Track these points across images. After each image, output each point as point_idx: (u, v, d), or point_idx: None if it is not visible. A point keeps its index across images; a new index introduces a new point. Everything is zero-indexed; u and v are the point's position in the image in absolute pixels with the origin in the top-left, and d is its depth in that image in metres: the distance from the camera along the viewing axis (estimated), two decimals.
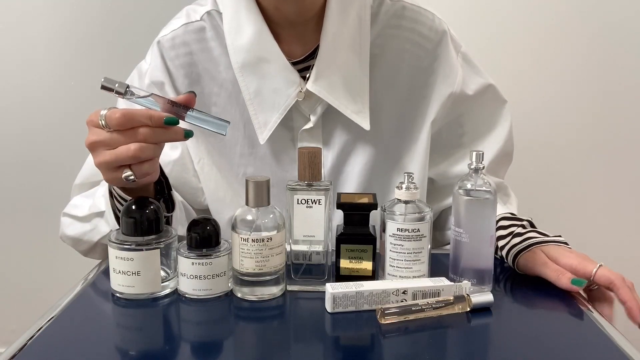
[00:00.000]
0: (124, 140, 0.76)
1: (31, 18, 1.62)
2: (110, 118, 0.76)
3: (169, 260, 0.82)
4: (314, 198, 0.81)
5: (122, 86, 0.78)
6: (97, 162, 0.79)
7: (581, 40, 1.60)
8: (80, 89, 1.64)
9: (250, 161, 1.03)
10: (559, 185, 1.66)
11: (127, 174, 0.78)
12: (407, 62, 1.02)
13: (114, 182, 0.82)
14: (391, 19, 1.01)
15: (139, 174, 0.79)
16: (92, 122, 0.78)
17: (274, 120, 0.98)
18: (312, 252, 0.83)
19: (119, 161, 0.77)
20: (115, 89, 0.78)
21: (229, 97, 1.01)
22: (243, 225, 0.79)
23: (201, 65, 1.01)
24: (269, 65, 0.96)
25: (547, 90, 1.63)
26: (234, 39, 0.97)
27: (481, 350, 0.72)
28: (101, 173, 0.81)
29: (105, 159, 0.78)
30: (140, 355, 0.70)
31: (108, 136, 0.77)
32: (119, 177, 0.79)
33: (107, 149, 0.78)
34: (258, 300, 0.80)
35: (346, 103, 0.98)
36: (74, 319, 0.78)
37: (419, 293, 0.78)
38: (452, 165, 1.08)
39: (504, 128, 1.08)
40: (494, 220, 0.82)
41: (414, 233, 0.80)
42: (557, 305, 0.82)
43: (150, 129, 0.77)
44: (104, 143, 0.77)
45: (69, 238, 1.00)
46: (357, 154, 1.03)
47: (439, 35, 1.02)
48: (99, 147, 0.78)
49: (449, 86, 1.02)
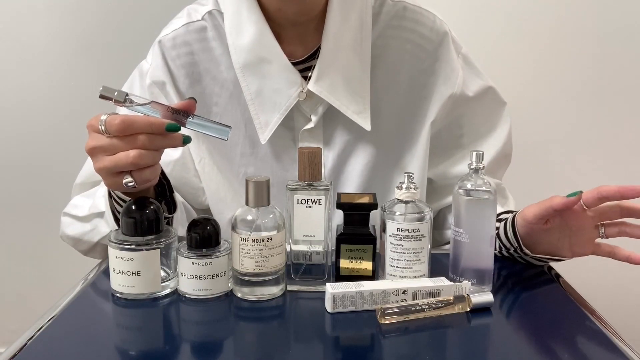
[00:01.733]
0: (123, 146, 0.76)
1: (31, 18, 1.62)
2: (110, 124, 0.76)
3: (169, 260, 0.82)
4: (314, 198, 0.81)
5: (121, 95, 0.78)
6: (96, 167, 0.79)
7: (581, 41, 1.60)
8: (81, 89, 1.64)
9: (251, 161, 1.03)
10: (559, 185, 1.65)
11: (127, 180, 0.78)
12: (407, 62, 1.02)
13: (114, 187, 0.81)
14: (392, 20, 1.01)
15: (139, 180, 0.78)
16: (92, 126, 0.78)
17: (275, 121, 0.98)
18: (312, 252, 0.83)
19: (118, 167, 0.77)
20: (114, 97, 0.78)
21: (230, 97, 1.01)
22: (243, 225, 0.79)
23: (202, 65, 1.01)
24: (270, 66, 0.96)
25: (546, 91, 1.63)
26: (235, 39, 0.97)
27: (481, 350, 0.72)
28: (102, 178, 0.81)
29: (104, 165, 0.78)
30: (140, 355, 0.70)
31: (107, 142, 0.77)
32: (119, 183, 0.78)
33: (106, 155, 0.77)
34: (258, 300, 0.80)
35: (347, 103, 0.98)
36: (74, 319, 0.78)
37: (419, 293, 0.78)
38: (451, 166, 1.08)
39: (503, 130, 1.08)
40: (494, 220, 0.82)
41: (414, 233, 0.80)
42: (557, 306, 0.82)
43: (149, 136, 0.76)
44: (103, 149, 0.77)
45: (69, 238, 1.00)
46: (357, 154, 1.03)
47: (440, 37, 1.02)
48: (98, 153, 0.78)
49: (449, 87, 1.03)
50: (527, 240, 0.89)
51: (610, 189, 0.81)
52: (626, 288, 1.67)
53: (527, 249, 0.89)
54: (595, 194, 0.81)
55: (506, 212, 0.97)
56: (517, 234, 0.89)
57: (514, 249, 0.90)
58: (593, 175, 1.66)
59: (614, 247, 0.86)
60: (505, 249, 0.92)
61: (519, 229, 0.88)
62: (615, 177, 1.66)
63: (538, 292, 0.86)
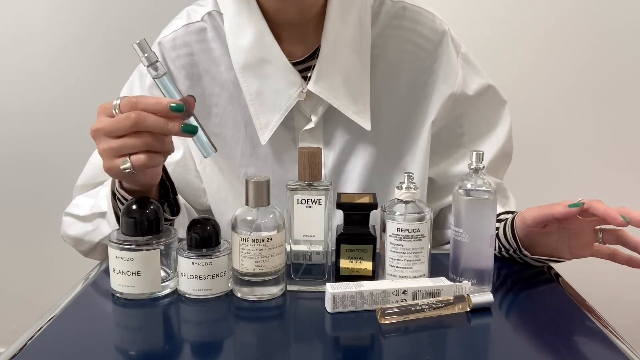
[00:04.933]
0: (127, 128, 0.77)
1: (30, 18, 1.62)
2: (121, 102, 0.77)
3: (169, 260, 0.82)
4: (314, 198, 0.81)
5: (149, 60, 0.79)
6: (99, 149, 0.80)
7: (581, 40, 1.60)
8: (81, 89, 1.64)
9: (251, 161, 1.03)
10: (559, 185, 1.66)
11: (126, 165, 0.78)
12: (407, 62, 1.02)
13: (112, 171, 0.81)
14: (392, 20, 1.01)
15: (136, 166, 0.78)
16: (105, 108, 0.79)
17: (276, 121, 0.98)
18: (312, 252, 0.83)
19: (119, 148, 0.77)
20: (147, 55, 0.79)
21: (230, 97, 1.01)
22: (243, 225, 0.79)
23: (202, 65, 1.01)
24: (270, 66, 0.96)
25: (546, 90, 1.63)
26: (235, 40, 0.97)
27: (481, 350, 0.72)
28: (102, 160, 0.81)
29: (108, 146, 0.78)
30: (140, 355, 0.70)
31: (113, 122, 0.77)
32: (117, 166, 0.78)
33: (109, 137, 0.78)
34: (258, 300, 0.80)
35: (347, 104, 0.98)
36: (74, 319, 0.78)
37: (419, 293, 0.78)
38: (451, 165, 1.08)
39: (503, 128, 1.08)
40: (494, 220, 0.82)
41: (414, 233, 0.80)
42: (557, 306, 0.82)
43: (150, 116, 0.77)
44: (105, 131, 0.78)
45: (71, 238, 1.00)
46: (357, 154, 1.03)
47: (439, 36, 1.02)
48: (102, 135, 0.79)
49: (449, 86, 1.03)
50: (525, 242, 0.89)
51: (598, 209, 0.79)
52: (626, 287, 1.67)
53: (526, 251, 0.89)
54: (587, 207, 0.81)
55: (506, 212, 0.97)
56: (516, 236, 0.89)
57: (513, 250, 0.90)
58: (593, 174, 1.66)
59: (613, 249, 0.86)
60: (505, 249, 0.92)
61: (517, 231, 0.88)
62: (615, 176, 1.66)
63: (538, 291, 0.86)
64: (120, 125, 0.77)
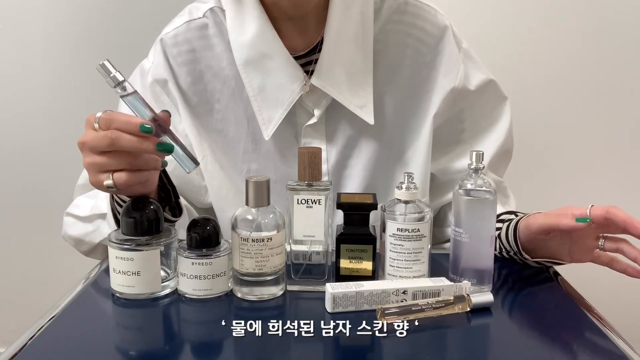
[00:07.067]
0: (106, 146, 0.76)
1: (30, 17, 1.62)
2: (101, 117, 0.77)
3: (169, 260, 0.83)
4: (314, 198, 0.81)
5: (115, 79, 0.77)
6: (84, 162, 0.80)
7: (581, 38, 1.59)
8: (82, 89, 1.64)
9: (254, 157, 1.03)
10: (558, 184, 1.65)
11: (108, 182, 0.78)
12: (409, 57, 1.02)
13: (97, 185, 0.81)
14: (394, 15, 1.01)
15: (117, 183, 0.78)
16: (88, 121, 0.79)
17: (279, 116, 0.98)
18: (312, 252, 0.83)
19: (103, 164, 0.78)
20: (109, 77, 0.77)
21: (232, 93, 1.01)
22: (243, 225, 0.79)
23: (204, 62, 1.01)
24: (272, 61, 0.96)
25: (546, 88, 1.62)
26: (237, 36, 0.97)
27: (481, 350, 0.72)
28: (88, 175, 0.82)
29: (88, 161, 0.79)
30: (140, 355, 0.70)
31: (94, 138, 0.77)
32: (101, 182, 0.79)
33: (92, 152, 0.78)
34: (258, 300, 0.80)
35: (350, 98, 0.98)
36: (74, 319, 0.78)
37: (419, 293, 0.78)
38: (452, 161, 1.08)
39: (504, 124, 1.08)
40: (494, 220, 0.81)
41: (414, 233, 0.80)
42: (557, 306, 0.82)
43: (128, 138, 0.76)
44: (89, 146, 0.78)
45: (71, 238, 1.01)
46: (360, 149, 1.03)
47: (441, 31, 1.02)
48: (85, 149, 0.79)
49: (451, 81, 1.02)
50: (527, 247, 0.89)
51: (618, 216, 0.80)
52: (625, 287, 1.66)
53: (526, 254, 0.89)
54: (604, 214, 0.81)
55: (507, 212, 0.97)
56: (517, 240, 0.89)
57: (514, 252, 0.90)
58: (593, 174, 1.66)
59: (613, 256, 0.85)
60: (505, 251, 0.92)
61: (520, 235, 0.88)
62: (615, 175, 1.65)
63: (538, 291, 0.85)
64: (100, 142, 0.77)
